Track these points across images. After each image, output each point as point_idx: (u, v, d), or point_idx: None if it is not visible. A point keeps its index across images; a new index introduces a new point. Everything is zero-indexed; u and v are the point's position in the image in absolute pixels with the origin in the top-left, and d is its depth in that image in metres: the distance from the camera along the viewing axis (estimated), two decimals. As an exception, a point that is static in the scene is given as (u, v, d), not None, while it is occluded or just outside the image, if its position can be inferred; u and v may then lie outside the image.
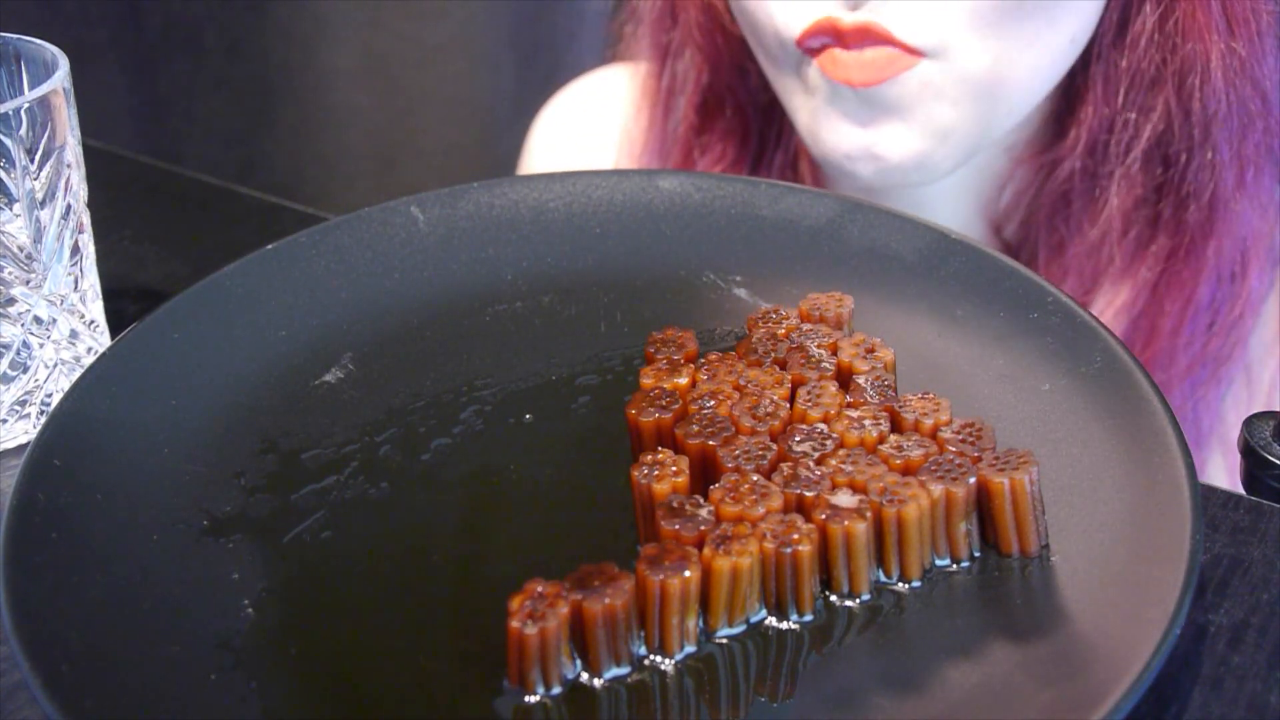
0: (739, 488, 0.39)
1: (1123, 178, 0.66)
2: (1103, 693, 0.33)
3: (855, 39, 0.60)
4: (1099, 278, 0.69)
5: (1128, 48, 0.63)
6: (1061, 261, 0.70)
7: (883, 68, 0.60)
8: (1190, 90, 0.63)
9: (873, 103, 0.62)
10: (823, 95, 0.63)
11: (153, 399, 0.44)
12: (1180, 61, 0.63)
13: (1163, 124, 0.65)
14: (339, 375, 0.48)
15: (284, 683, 0.36)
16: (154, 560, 0.39)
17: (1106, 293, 0.69)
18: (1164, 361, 0.69)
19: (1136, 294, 0.68)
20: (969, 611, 0.38)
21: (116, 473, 0.41)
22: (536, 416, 0.46)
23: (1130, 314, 0.69)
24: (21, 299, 0.47)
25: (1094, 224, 0.68)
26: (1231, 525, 0.43)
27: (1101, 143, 0.66)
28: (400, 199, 0.54)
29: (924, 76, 0.61)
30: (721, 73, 0.73)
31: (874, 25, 0.59)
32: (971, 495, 0.39)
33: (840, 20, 0.60)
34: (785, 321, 0.47)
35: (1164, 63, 0.63)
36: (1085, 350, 0.44)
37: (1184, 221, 0.66)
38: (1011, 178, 0.71)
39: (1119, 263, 0.68)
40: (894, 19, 0.59)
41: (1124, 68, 0.64)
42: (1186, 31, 0.62)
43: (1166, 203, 0.66)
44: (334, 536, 0.41)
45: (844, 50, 0.60)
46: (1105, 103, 0.65)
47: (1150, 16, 0.62)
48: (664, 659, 0.37)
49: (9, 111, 0.45)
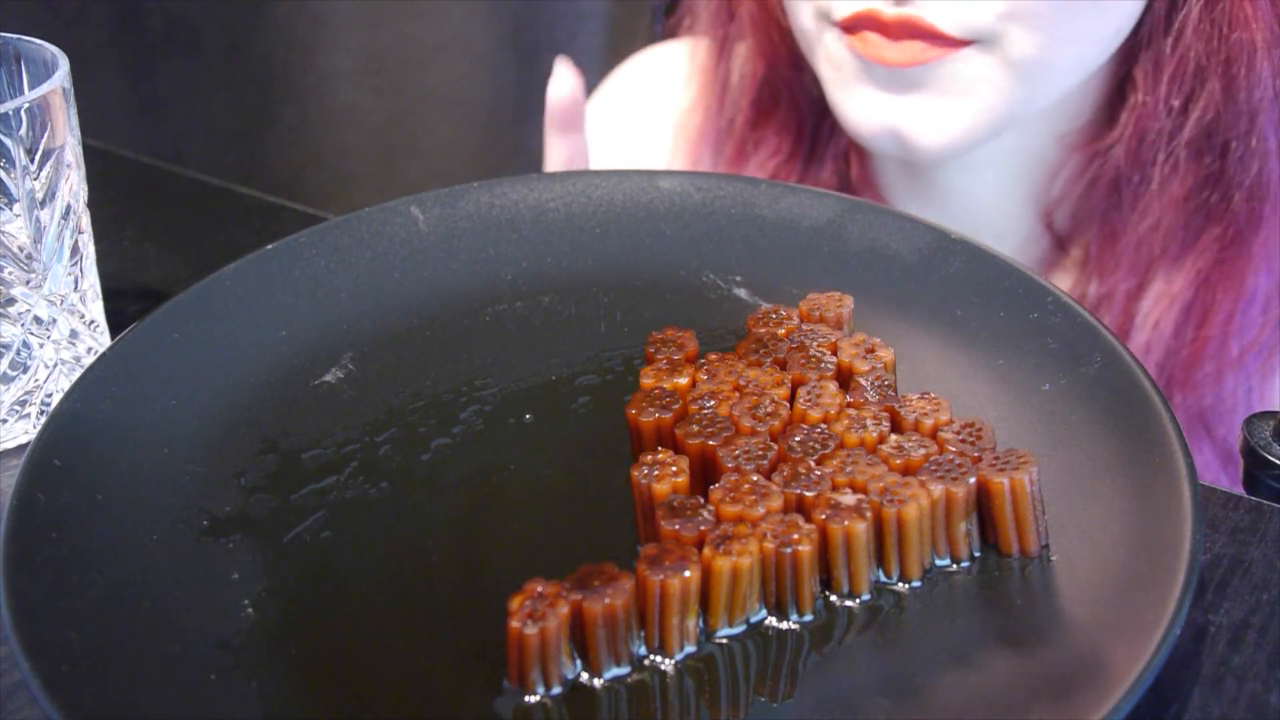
0: (739, 488, 0.39)
1: (1171, 166, 0.66)
2: (1103, 693, 0.33)
3: (897, 31, 0.60)
4: (1151, 266, 0.69)
5: (1175, 36, 0.63)
6: (1114, 250, 0.70)
7: (917, 54, 0.60)
8: (1237, 79, 0.63)
9: (903, 80, 0.62)
10: (850, 68, 0.64)
11: (153, 399, 0.44)
12: (1227, 50, 0.63)
13: (1210, 112, 0.65)
14: (339, 375, 0.48)
15: (284, 683, 0.36)
16: (154, 560, 0.39)
17: (1158, 281, 0.69)
18: (1216, 349, 0.69)
19: (1188, 283, 0.68)
20: (969, 611, 0.38)
21: (116, 473, 0.41)
22: (536, 416, 0.46)
23: (1182, 302, 0.69)
24: (21, 299, 0.47)
25: (1145, 213, 0.68)
26: (1231, 525, 0.43)
27: (1151, 131, 0.66)
28: (400, 199, 0.54)
29: (964, 60, 0.61)
30: (777, 68, 0.73)
31: (917, 19, 0.60)
32: (971, 495, 0.39)
33: (882, 13, 0.60)
34: (785, 321, 0.47)
35: (1211, 51, 0.63)
36: (1085, 350, 0.44)
37: (1232, 210, 0.66)
38: (1063, 166, 0.71)
39: (1171, 251, 0.69)
40: (938, 12, 0.59)
41: (1171, 56, 0.64)
42: (1233, 20, 0.62)
43: (1215, 191, 0.67)
44: (334, 536, 0.41)
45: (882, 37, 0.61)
46: (1153, 91, 0.65)
47: (1196, 5, 0.62)
48: (664, 659, 0.37)
49: (9, 111, 0.45)
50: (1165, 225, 0.68)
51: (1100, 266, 0.70)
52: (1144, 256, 0.69)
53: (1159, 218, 0.68)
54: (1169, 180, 0.67)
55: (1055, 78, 0.63)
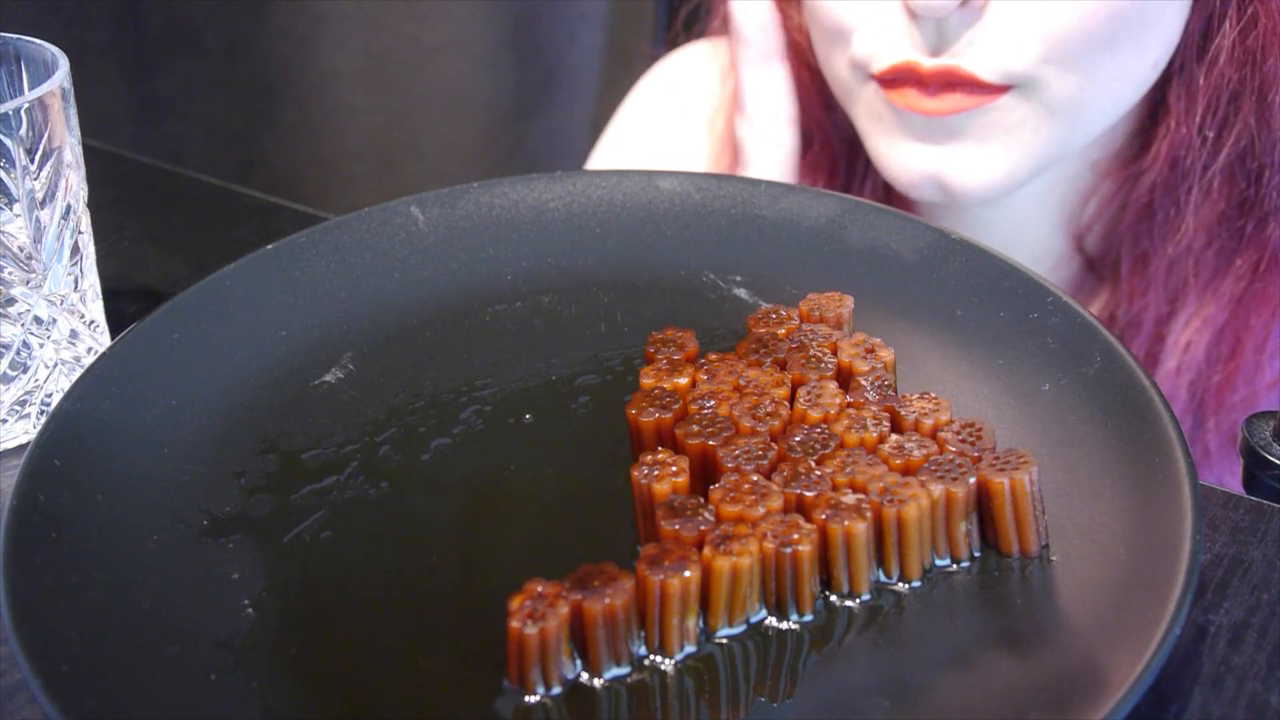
0: (739, 488, 0.39)
1: (1204, 192, 0.66)
2: (1103, 693, 0.33)
3: (935, 82, 0.60)
4: (1182, 291, 0.69)
5: (1209, 63, 0.63)
6: (1144, 275, 0.70)
7: (957, 104, 0.60)
8: (1271, 105, 0.63)
9: (943, 129, 0.61)
10: (890, 119, 0.63)
11: (153, 399, 0.44)
12: (1261, 76, 0.62)
13: (1244, 139, 0.64)
14: (339, 375, 0.48)
15: (284, 683, 0.36)
16: (154, 560, 0.39)
17: (1189, 306, 0.69)
18: (1249, 375, 0.69)
19: (1221, 307, 0.68)
20: (969, 611, 0.38)
21: (116, 473, 0.41)
22: (536, 416, 0.46)
23: (1215, 326, 0.68)
24: (21, 299, 0.47)
25: (1176, 238, 0.68)
26: (1231, 525, 0.43)
27: (1184, 157, 0.66)
28: (400, 199, 0.54)
29: (1003, 108, 0.60)
30: (809, 109, 0.73)
31: (955, 69, 0.59)
32: (971, 495, 0.39)
33: (920, 65, 0.60)
34: (785, 321, 0.47)
35: (1245, 78, 0.63)
36: (1085, 350, 0.44)
37: (1265, 236, 0.66)
38: (1095, 191, 0.71)
39: (1202, 277, 0.68)
40: (975, 59, 0.59)
41: (1205, 83, 0.64)
42: (1267, 47, 0.62)
43: (1249, 218, 0.66)
44: (334, 536, 0.41)
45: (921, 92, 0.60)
46: (1187, 118, 0.65)
47: (1231, 32, 0.62)
48: (664, 659, 0.37)
49: (9, 111, 0.45)
50: (1197, 249, 0.68)
51: (1130, 289, 0.70)
52: (1175, 280, 0.69)
53: (1190, 242, 0.67)
54: (1201, 205, 0.67)
55: (1095, 117, 0.63)
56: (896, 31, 0.61)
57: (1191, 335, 0.69)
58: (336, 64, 1.27)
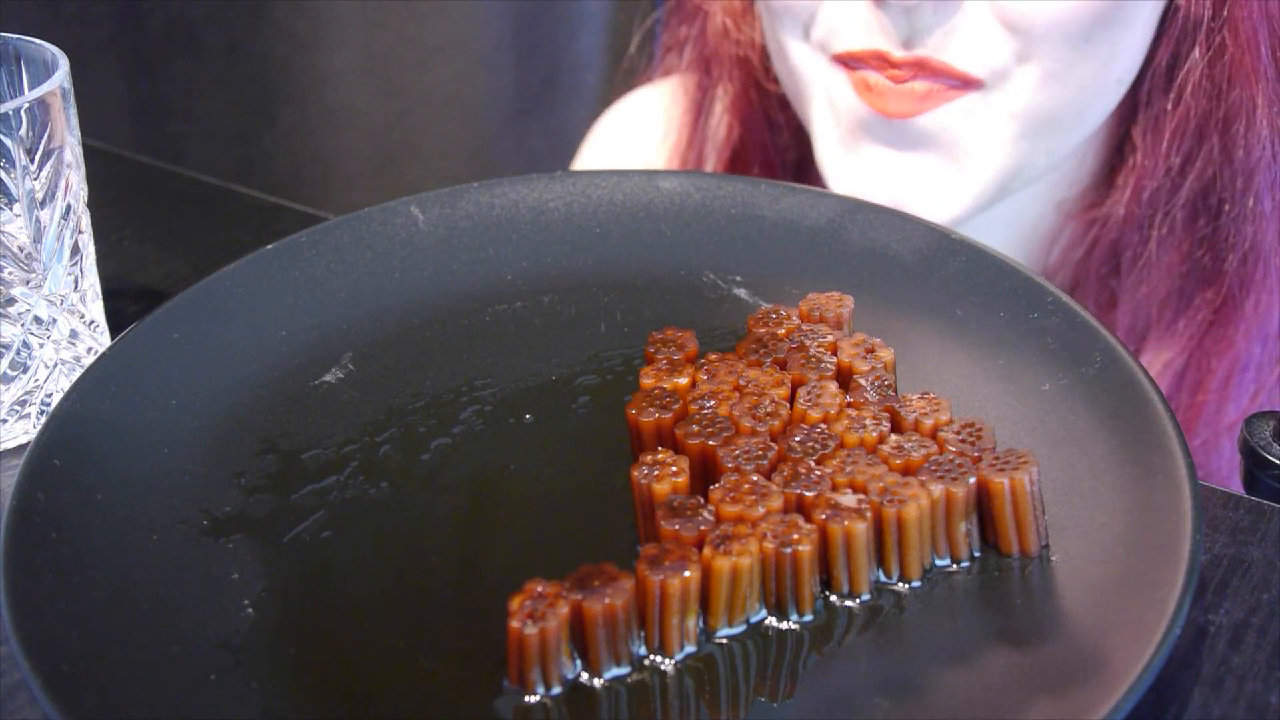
0: (739, 488, 0.39)
1: (1169, 229, 0.65)
2: (1103, 693, 0.33)
3: (906, 72, 0.58)
4: (1147, 333, 0.68)
5: (1175, 94, 0.62)
6: (1110, 318, 0.69)
7: (921, 99, 0.59)
8: (1235, 136, 0.62)
9: (907, 134, 0.60)
10: (849, 121, 0.61)
11: (153, 399, 0.44)
12: (1226, 107, 0.61)
13: (1209, 172, 0.63)
14: (339, 375, 0.48)
15: (284, 683, 0.36)
16: (154, 560, 0.39)
17: (1150, 349, 0.68)
18: (1211, 417, 0.68)
19: (1181, 349, 0.67)
20: (969, 612, 0.38)
21: (116, 473, 0.41)
22: (536, 416, 0.46)
23: (1175, 369, 0.68)
24: (21, 299, 0.47)
25: (1142, 279, 0.67)
26: (1231, 525, 0.43)
27: (1149, 192, 0.65)
28: (400, 199, 0.54)
29: (966, 107, 0.59)
30: (751, 129, 0.72)
31: (928, 59, 0.58)
32: (971, 495, 0.39)
33: (890, 55, 0.58)
34: (785, 321, 0.47)
35: (1210, 109, 0.62)
36: (1085, 350, 0.44)
37: (1224, 273, 0.65)
38: (1060, 234, 0.70)
39: (1164, 319, 0.67)
40: (950, 51, 0.58)
41: (1171, 115, 0.63)
42: (1234, 76, 0.61)
43: (1208, 253, 0.65)
44: (334, 536, 0.41)
45: (886, 79, 0.59)
46: (1153, 151, 0.64)
47: (1200, 61, 0.61)
48: (664, 659, 0.37)
49: (9, 111, 0.45)
50: (1160, 290, 0.67)
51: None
52: (1140, 323, 0.68)
53: (1155, 284, 0.67)
54: (1165, 244, 0.66)
55: (1061, 133, 0.62)
56: (865, 19, 0.59)
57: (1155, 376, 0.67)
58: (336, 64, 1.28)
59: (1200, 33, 0.60)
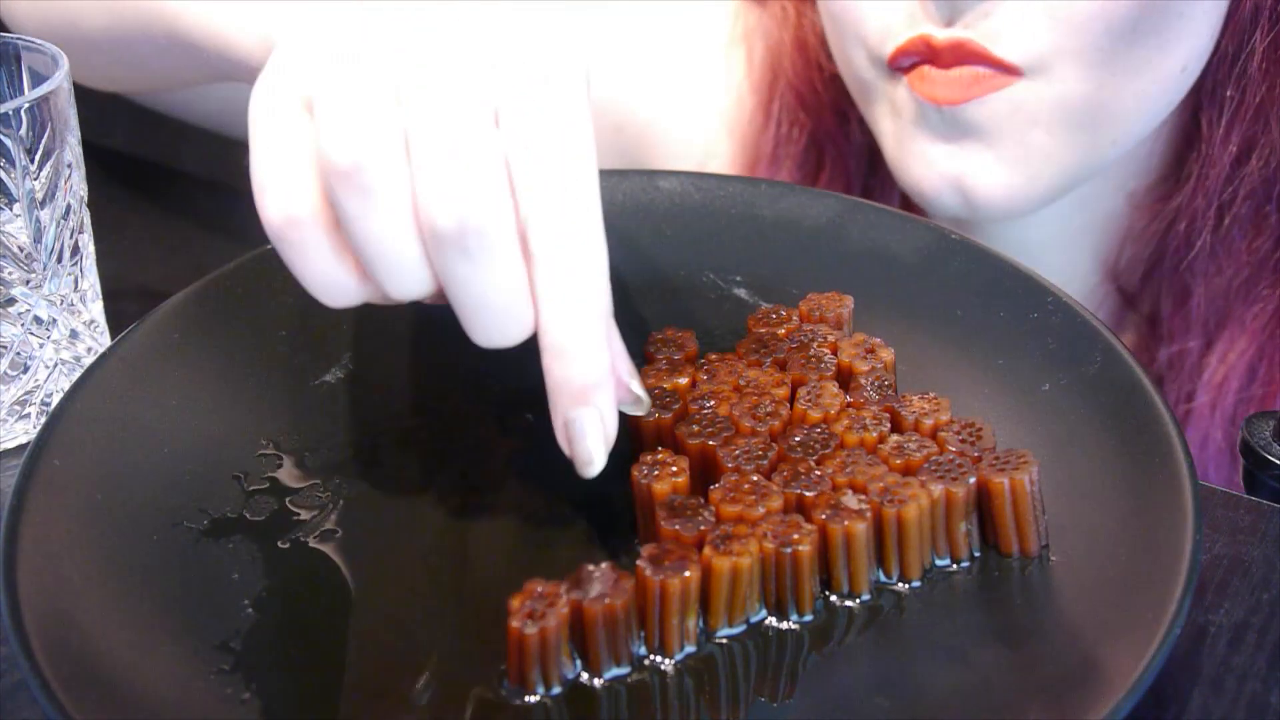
0: (739, 488, 0.39)
1: (1236, 218, 0.64)
2: (1103, 693, 0.33)
3: (949, 56, 0.58)
4: (1222, 324, 0.68)
5: (1237, 80, 0.61)
6: (1184, 310, 0.68)
7: (969, 85, 0.58)
8: None
9: (960, 125, 0.60)
10: (909, 116, 0.61)
11: (153, 399, 0.44)
12: None
13: (1271, 159, 0.63)
14: (339, 375, 0.48)
15: (284, 683, 0.36)
16: (154, 560, 0.39)
17: (1223, 342, 0.68)
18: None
19: (1251, 341, 0.67)
20: (969, 612, 0.38)
21: (116, 473, 0.41)
22: (536, 416, 0.46)
23: (1246, 362, 0.67)
24: (21, 299, 0.47)
25: (1214, 269, 0.66)
26: (1231, 525, 0.43)
27: (1214, 182, 0.64)
28: (400, 199, 0.54)
29: (1015, 97, 0.59)
30: (823, 120, 0.71)
31: (968, 41, 0.57)
32: (971, 495, 0.39)
33: (934, 37, 0.58)
34: (785, 322, 0.47)
35: (1270, 95, 0.61)
36: (1085, 350, 0.44)
37: None
38: (1131, 225, 0.69)
39: (1236, 310, 0.67)
40: (990, 34, 0.57)
41: (1239, 101, 0.62)
42: None
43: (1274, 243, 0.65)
44: (334, 537, 0.41)
45: (935, 68, 0.59)
46: (1217, 140, 0.63)
47: (1262, 42, 0.60)
48: (664, 659, 0.37)
49: (9, 111, 0.45)
50: (1234, 282, 0.66)
51: (1170, 326, 0.69)
52: (1215, 314, 0.67)
53: (1228, 275, 0.66)
54: (1234, 234, 0.65)
55: (1120, 124, 0.61)
56: (910, 9, 0.59)
57: (1226, 371, 0.67)
58: (336, 64, 1.27)
59: (1263, 16, 0.60)
